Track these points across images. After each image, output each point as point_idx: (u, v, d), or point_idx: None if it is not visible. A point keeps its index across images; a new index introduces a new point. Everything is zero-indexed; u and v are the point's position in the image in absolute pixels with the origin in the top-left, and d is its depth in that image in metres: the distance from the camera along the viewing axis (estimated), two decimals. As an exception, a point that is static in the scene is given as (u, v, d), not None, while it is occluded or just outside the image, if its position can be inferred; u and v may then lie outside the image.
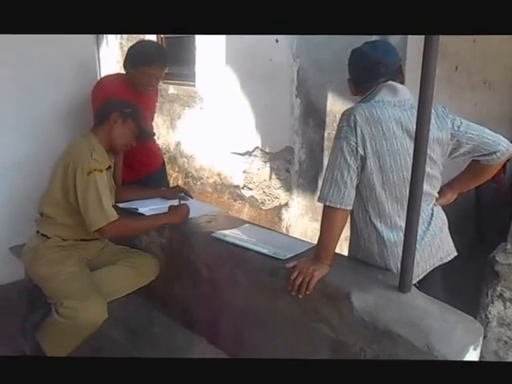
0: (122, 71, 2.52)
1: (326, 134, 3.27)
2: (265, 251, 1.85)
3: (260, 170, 3.78)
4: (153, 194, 2.54)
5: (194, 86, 4.15)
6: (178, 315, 2.06)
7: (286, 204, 3.67)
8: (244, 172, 3.92)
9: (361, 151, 1.57)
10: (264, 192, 3.81)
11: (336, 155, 1.61)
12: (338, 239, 1.67)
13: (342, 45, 2.82)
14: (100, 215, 1.92)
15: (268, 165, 3.71)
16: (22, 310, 2.45)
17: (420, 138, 1.44)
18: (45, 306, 1.99)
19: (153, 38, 3.87)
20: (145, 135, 2.28)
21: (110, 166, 2.16)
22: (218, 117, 3.96)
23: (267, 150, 3.69)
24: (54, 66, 2.62)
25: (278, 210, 3.74)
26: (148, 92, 2.53)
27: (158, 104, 2.88)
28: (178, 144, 4.57)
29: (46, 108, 2.65)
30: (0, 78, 2.46)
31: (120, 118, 2.12)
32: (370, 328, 1.51)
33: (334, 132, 3.19)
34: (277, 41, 3.30)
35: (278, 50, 3.33)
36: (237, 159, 3.93)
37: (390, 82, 1.64)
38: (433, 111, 1.58)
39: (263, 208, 3.85)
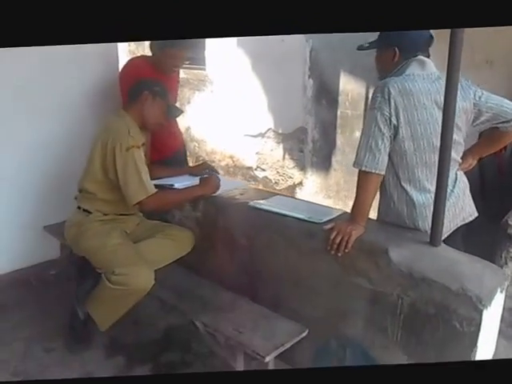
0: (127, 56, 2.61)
1: (339, 113, 3.41)
2: (301, 216, 2.01)
3: (273, 150, 3.92)
4: (180, 171, 2.67)
5: (204, 69, 4.25)
6: (220, 281, 2.20)
7: (300, 183, 3.82)
8: (257, 153, 4.05)
9: (394, 121, 1.72)
10: (278, 172, 3.95)
11: (370, 124, 1.75)
12: (373, 201, 1.82)
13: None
14: (140, 189, 2.05)
15: (281, 145, 3.85)
16: (62, 285, 2.61)
17: (448, 109, 1.59)
18: (93, 276, 2.13)
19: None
20: (173, 112, 2.40)
21: (143, 143, 2.28)
22: (230, 100, 4.08)
23: (280, 131, 3.82)
24: (76, 53, 2.69)
25: (292, 189, 3.88)
26: (173, 73, 2.65)
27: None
28: (187, 129, 4.67)
29: (71, 93, 2.75)
30: (29, 69, 2.55)
31: (150, 95, 2.22)
32: (406, 277, 1.67)
33: (347, 111, 3.35)
34: (289, 23, 3.40)
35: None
36: (249, 141, 4.06)
37: (420, 57, 1.79)
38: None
39: (277, 188, 3.99)
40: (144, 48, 4.64)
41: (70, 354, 2.16)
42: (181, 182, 2.42)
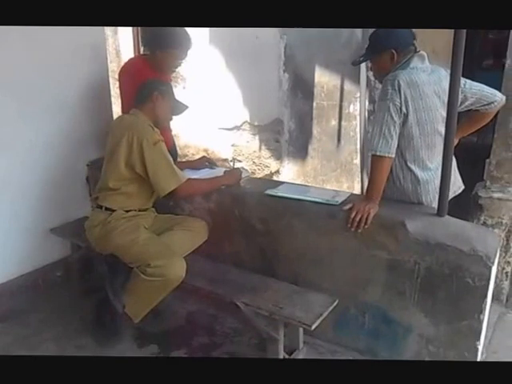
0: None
1: (315, 104, 3.64)
2: (318, 200, 2.21)
3: (249, 142, 4.08)
4: (181, 165, 2.77)
5: (175, 66, 4.30)
6: (243, 266, 2.36)
7: (277, 171, 4.02)
8: (232, 145, 4.19)
9: (404, 109, 1.97)
10: (254, 162, 4.12)
11: (383, 114, 1.98)
12: (385, 181, 2.07)
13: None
14: (172, 178, 2.19)
15: (257, 137, 4.02)
16: (70, 285, 2.66)
17: (452, 97, 1.86)
18: (124, 272, 2.22)
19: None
20: (179, 108, 2.51)
21: None
22: (203, 95, 4.17)
23: (256, 123, 3.98)
24: (65, 52, 2.69)
25: (269, 177, 4.07)
26: (172, 72, 2.75)
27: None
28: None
29: (64, 95, 2.74)
30: (24, 73, 2.52)
31: (159, 95, 2.33)
32: (423, 245, 1.94)
33: (323, 102, 3.59)
34: (263, 20, 3.56)
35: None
36: (224, 134, 4.18)
37: (421, 52, 2.05)
38: (447, 73, 2.01)
39: (253, 177, 4.16)
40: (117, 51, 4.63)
41: (103, 349, 2.23)
42: (194, 176, 2.54)
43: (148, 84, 2.38)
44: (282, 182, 2.62)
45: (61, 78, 2.70)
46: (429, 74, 2.04)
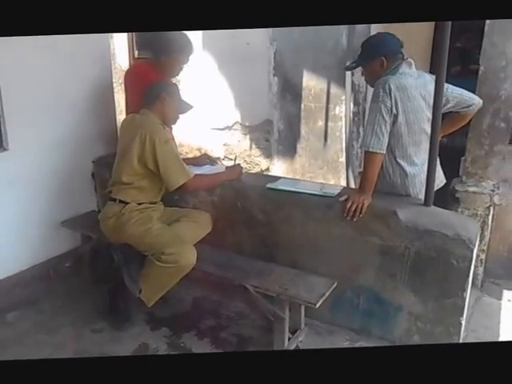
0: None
1: (302, 106, 3.87)
2: (316, 192, 2.43)
3: (240, 141, 4.28)
4: (185, 162, 2.95)
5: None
6: (245, 254, 2.56)
7: (267, 169, 4.23)
8: (224, 145, 4.39)
9: (394, 111, 2.20)
10: (245, 161, 4.32)
11: (375, 114, 2.21)
12: (377, 175, 2.30)
13: (315, 27, 3.43)
14: (182, 173, 2.38)
15: (248, 137, 4.23)
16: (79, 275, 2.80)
17: (437, 100, 2.10)
18: (137, 259, 2.38)
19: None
20: (185, 108, 2.69)
21: None
22: (197, 97, 4.34)
23: (247, 124, 4.19)
24: (74, 56, 2.82)
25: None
26: (175, 76, 2.92)
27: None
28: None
29: (73, 95, 2.88)
30: (34, 74, 2.65)
31: (167, 96, 2.51)
32: (412, 231, 2.17)
33: (311, 104, 3.81)
34: (255, 26, 3.77)
35: (255, 34, 3.82)
36: (217, 134, 4.38)
37: (409, 59, 2.29)
38: (431, 78, 2.26)
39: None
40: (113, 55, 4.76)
41: (119, 332, 2.39)
42: (198, 171, 2.72)
43: (156, 86, 2.55)
44: (279, 177, 2.83)
45: (69, 80, 2.83)
46: (416, 78, 2.29)
